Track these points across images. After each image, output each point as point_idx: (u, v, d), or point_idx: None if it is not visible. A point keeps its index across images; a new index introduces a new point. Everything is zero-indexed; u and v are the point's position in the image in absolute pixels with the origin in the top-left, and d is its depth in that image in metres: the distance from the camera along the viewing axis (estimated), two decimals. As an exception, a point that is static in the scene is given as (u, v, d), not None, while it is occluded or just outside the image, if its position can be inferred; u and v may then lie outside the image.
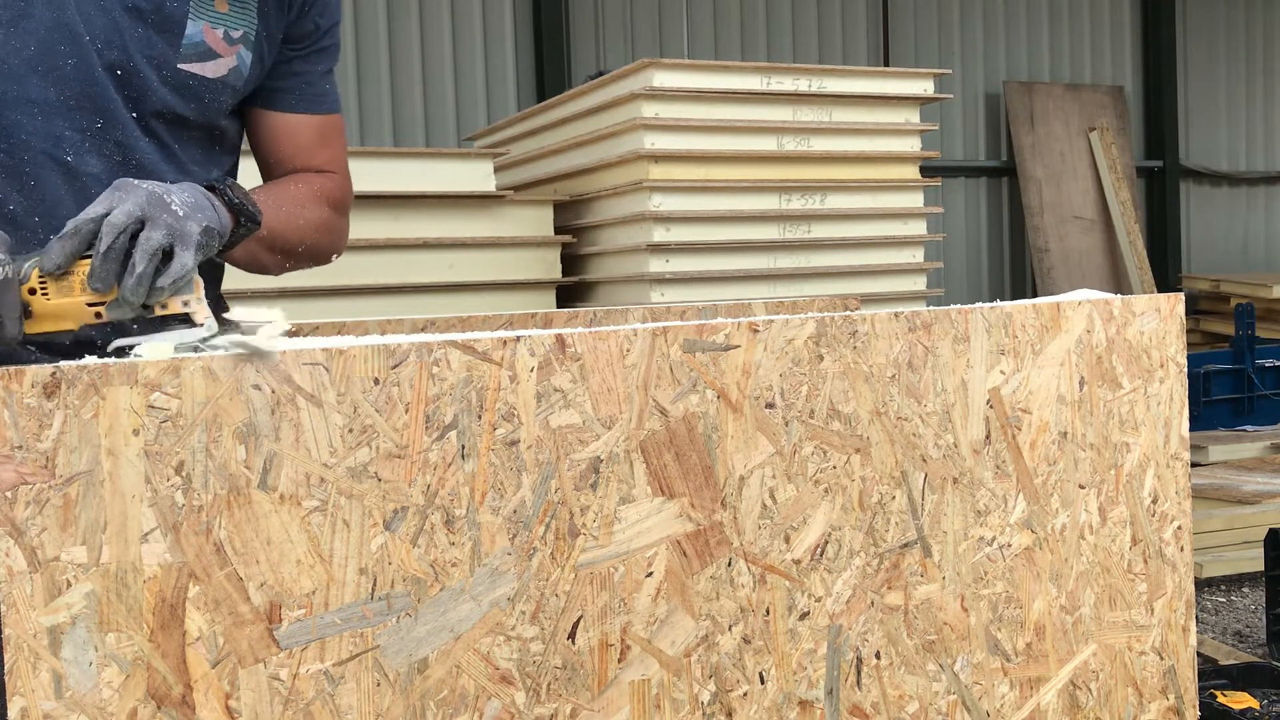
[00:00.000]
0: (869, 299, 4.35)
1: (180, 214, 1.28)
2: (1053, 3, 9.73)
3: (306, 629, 1.06)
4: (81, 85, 1.43)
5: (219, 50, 1.52)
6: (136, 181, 1.29)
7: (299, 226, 1.59)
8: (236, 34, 1.54)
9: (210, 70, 1.52)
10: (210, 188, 1.38)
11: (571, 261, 4.45)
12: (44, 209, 1.42)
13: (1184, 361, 1.56)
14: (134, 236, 1.24)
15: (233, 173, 1.65)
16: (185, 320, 1.27)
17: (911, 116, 4.51)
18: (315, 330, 2.11)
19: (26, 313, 1.24)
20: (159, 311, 1.27)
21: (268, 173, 1.67)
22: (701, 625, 1.24)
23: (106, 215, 1.24)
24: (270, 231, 1.49)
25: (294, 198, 1.60)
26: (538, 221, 4.28)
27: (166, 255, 1.25)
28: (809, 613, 1.30)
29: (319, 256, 1.66)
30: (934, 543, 1.38)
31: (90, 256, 1.24)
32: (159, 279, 1.23)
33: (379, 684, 1.09)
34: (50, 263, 1.24)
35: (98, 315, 1.25)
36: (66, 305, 1.25)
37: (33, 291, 1.25)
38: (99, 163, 1.46)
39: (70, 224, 1.24)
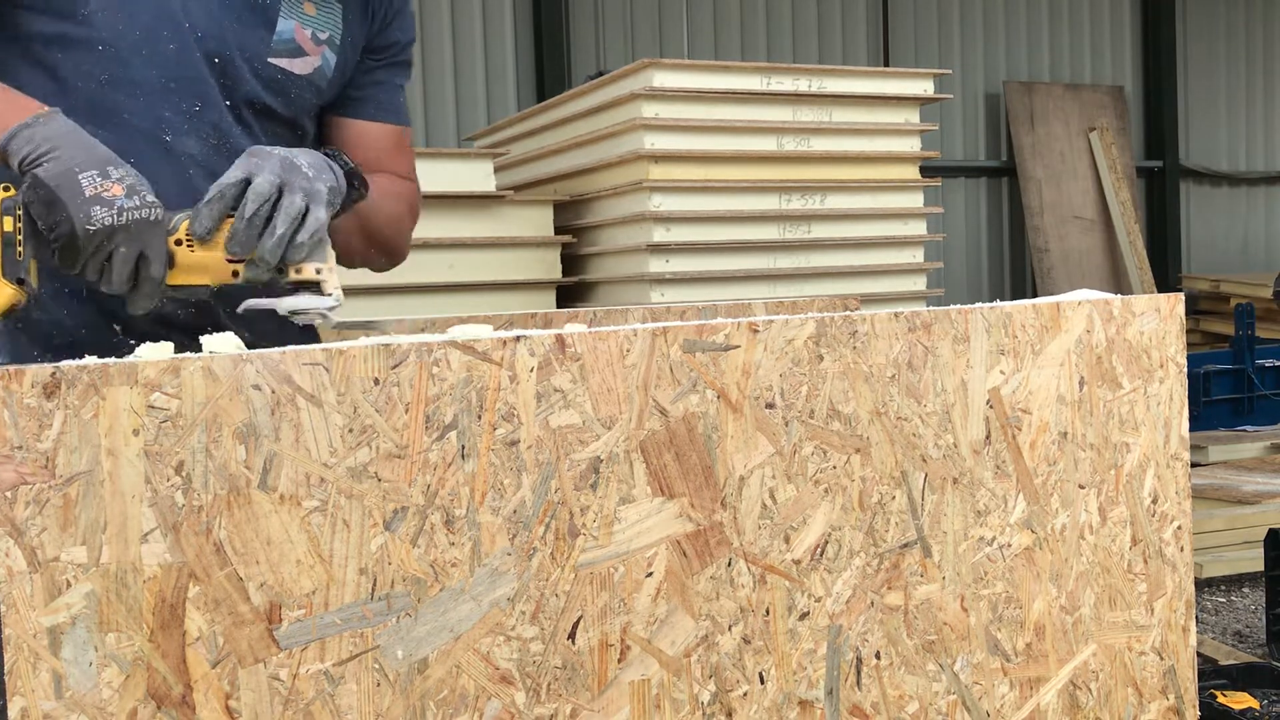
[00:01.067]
0: (869, 299, 4.35)
1: (310, 175, 1.37)
2: (1053, 3, 9.74)
3: (306, 629, 1.06)
4: (181, 69, 1.48)
5: (307, 49, 1.59)
6: (269, 149, 1.37)
7: (388, 216, 1.68)
8: (323, 35, 1.61)
9: (298, 67, 1.58)
10: (325, 154, 1.45)
11: (571, 261, 4.45)
12: None
13: (1184, 361, 1.56)
14: (275, 203, 1.33)
15: None
16: (315, 288, 1.34)
17: (911, 116, 4.51)
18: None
19: (170, 261, 1.32)
20: (293, 276, 1.34)
21: None
22: (701, 625, 1.24)
23: (248, 181, 1.33)
24: (368, 210, 1.57)
25: (383, 189, 1.67)
26: (538, 221, 4.28)
27: (302, 216, 1.34)
28: (809, 613, 1.30)
29: (392, 253, 1.74)
30: (934, 543, 1.38)
31: (233, 217, 1.33)
32: (297, 236, 1.33)
33: (379, 684, 1.09)
34: (201, 227, 1.32)
35: (235, 274, 1.34)
36: (207, 259, 1.34)
37: (179, 243, 1.33)
38: (196, 144, 1.51)
39: (214, 188, 1.33)
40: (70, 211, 1.24)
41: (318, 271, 1.35)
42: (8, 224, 1.26)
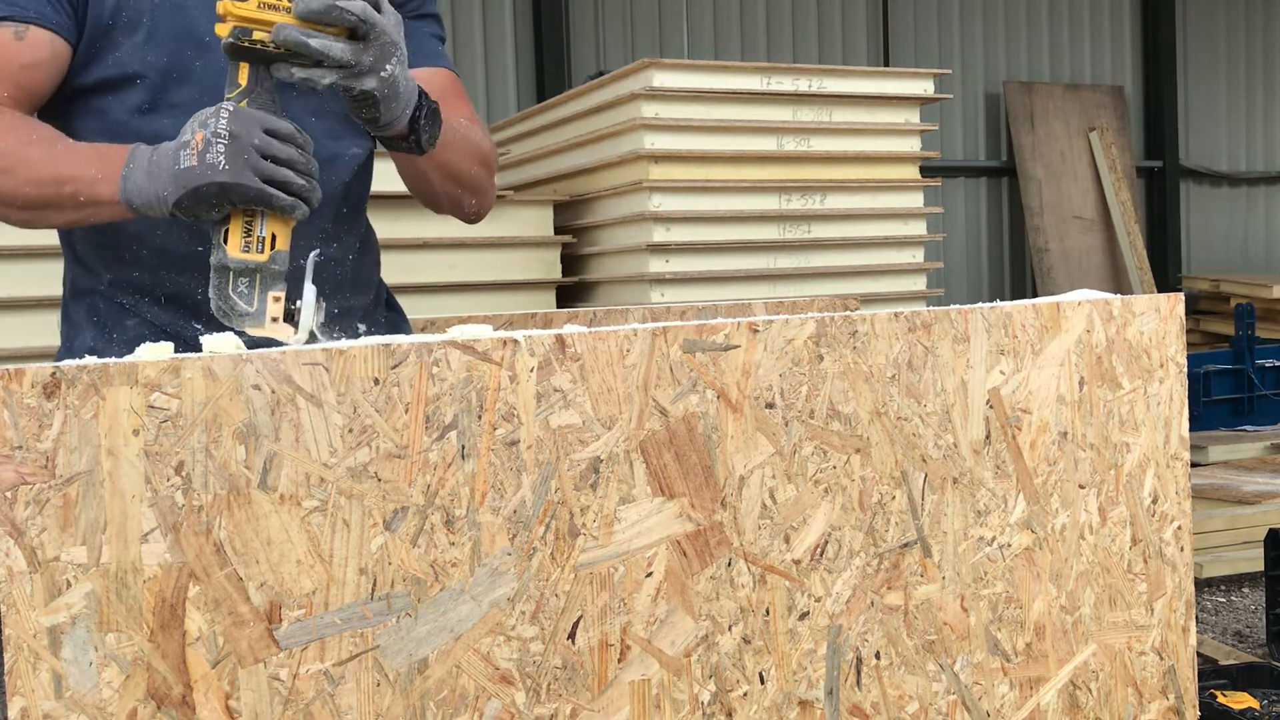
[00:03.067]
0: (869, 299, 4.35)
1: (396, 38, 1.38)
2: (1053, 3, 9.73)
3: (306, 629, 1.06)
4: (213, 79, 1.51)
5: None
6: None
7: (468, 150, 1.66)
8: None
9: None
10: (422, 93, 1.49)
11: (571, 261, 4.45)
12: None
13: (1184, 361, 1.56)
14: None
15: (369, 162, 1.74)
16: (290, 319, 1.35)
17: (911, 116, 4.51)
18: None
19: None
20: (271, 303, 1.34)
21: None
22: (701, 625, 1.24)
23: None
24: (447, 144, 1.57)
25: (457, 124, 1.65)
26: (538, 221, 4.28)
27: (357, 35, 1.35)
28: (809, 613, 1.30)
29: (478, 190, 1.71)
30: (934, 543, 1.38)
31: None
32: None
33: (379, 684, 1.09)
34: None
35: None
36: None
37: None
38: None
39: None
40: (211, 181, 1.29)
41: (294, 303, 1.35)
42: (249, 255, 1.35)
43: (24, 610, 0.97)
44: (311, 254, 1.38)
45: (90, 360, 1.00)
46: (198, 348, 1.09)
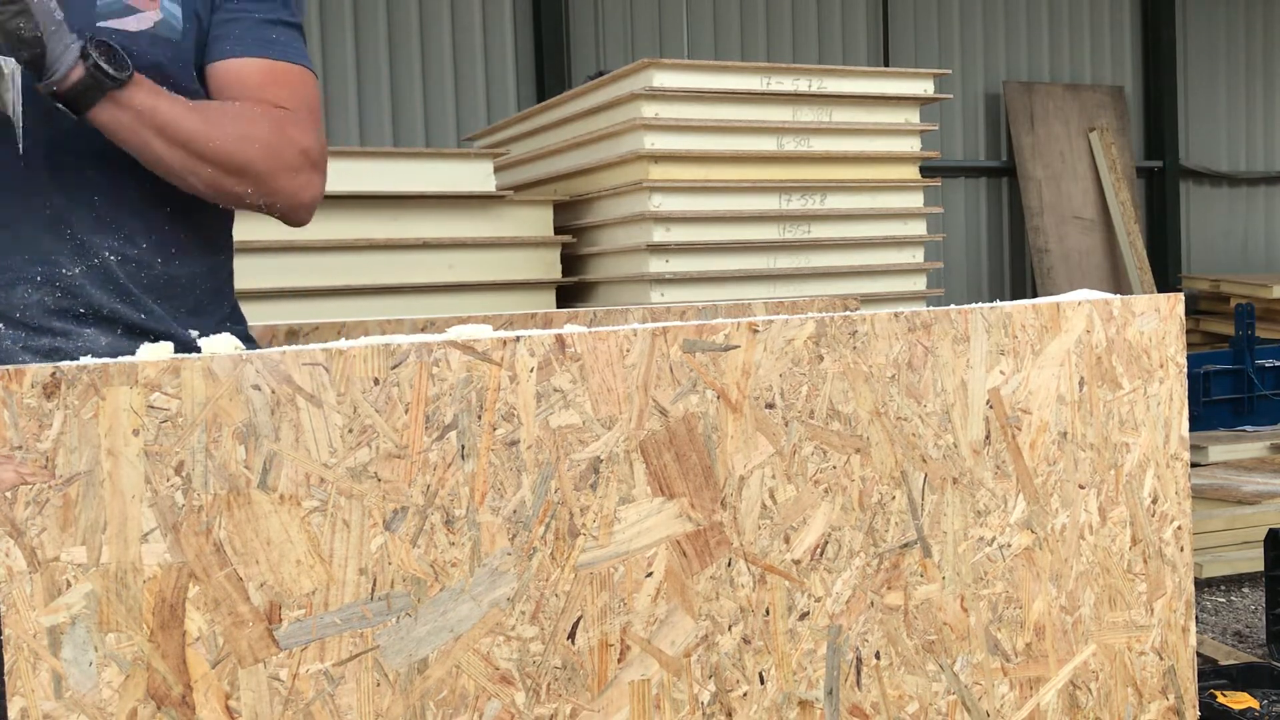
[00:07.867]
0: (869, 299, 4.34)
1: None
2: (1053, 3, 9.73)
3: (306, 629, 1.06)
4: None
5: (138, 4, 1.49)
6: None
7: (212, 126, 1.47)
8: None
9: (132, 24, 1.47)
10: (88, 38, 1.37)
11: (571, 261, 4.45)
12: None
13: (1184, 361, 1.56)
14: None
15: None
16: None
17: (911, 117, 4.50)
18: (315, 331, 2.11)
19: None
20: None
21: None
22: (701, 625, 1.24)
23: None
24: (160, 114, 1.42)
25: (219, 106, 1.51)
26: (538, 221, 4.28)
27: None
28: (809, 613, 1.30)
29: (243, 173, 1.50)
30: (934, 543, 1.38)
31: None
32: None
33: (379, 684, 1.09)
34: None
35: None
36: None
37: None
38: (47, 131, 1.43)
39: None
40: None
41: None
42: None
43: (24, 610, 0.97)
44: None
45: (90, 360, 1.00)
46: (12, 360, 1.03)
